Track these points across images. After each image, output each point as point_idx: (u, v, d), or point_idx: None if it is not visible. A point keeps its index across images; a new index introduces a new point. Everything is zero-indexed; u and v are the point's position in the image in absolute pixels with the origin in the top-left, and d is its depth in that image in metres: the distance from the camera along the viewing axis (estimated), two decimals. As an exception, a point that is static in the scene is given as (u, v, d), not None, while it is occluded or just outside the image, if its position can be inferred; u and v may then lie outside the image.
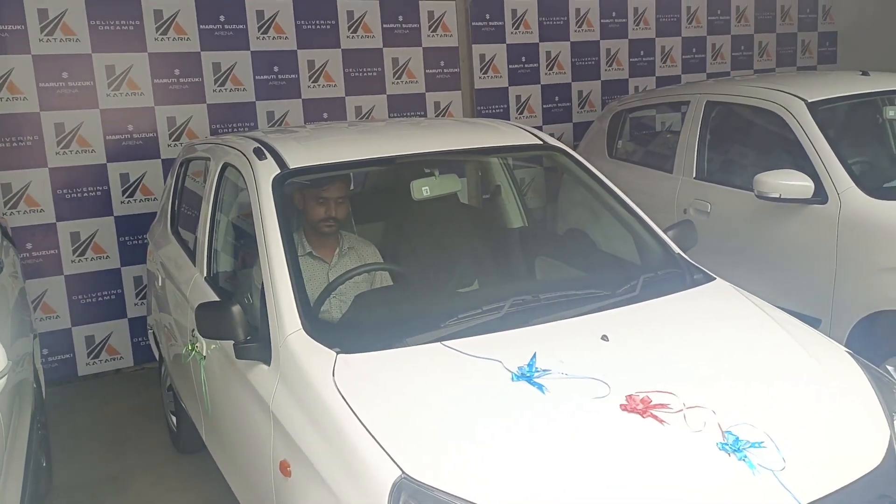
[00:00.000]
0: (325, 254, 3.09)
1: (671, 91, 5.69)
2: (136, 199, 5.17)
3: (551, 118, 6.65)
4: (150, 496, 3.73)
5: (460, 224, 3.61)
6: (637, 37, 7.00)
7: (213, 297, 2.94)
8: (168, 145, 5.20)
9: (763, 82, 4.48)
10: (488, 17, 6.26)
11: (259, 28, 5.43)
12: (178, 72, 5.20)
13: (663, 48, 7.16)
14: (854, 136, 4.33)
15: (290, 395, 2.22)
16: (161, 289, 3.84)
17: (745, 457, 1.88)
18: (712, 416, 1.98)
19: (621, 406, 2.01)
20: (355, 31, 5.75)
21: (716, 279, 2.80)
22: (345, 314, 2.72)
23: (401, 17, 5.91)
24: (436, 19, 6.04)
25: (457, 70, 5.77)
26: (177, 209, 4.08)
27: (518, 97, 6.49)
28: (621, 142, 5.53)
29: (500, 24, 6.33)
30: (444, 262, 3.27)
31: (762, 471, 1.85)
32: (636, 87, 6.99)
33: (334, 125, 4.64)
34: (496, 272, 3.35)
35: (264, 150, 2.92)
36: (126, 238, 5.16)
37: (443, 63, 6.10)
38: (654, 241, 2.98)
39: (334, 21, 5.67)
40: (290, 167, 2.82)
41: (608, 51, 6.86)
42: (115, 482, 3.85)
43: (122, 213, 5.14)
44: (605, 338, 2.30)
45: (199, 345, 2.87)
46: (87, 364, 5.17)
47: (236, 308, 2.38)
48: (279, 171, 2.80)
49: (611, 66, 6.90)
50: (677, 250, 2.93)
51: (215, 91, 5.33)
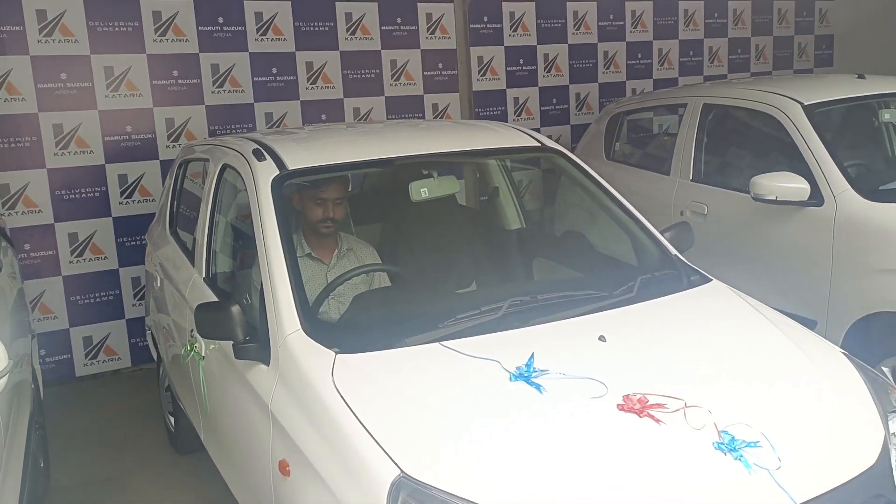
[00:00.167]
0: (323, 255, 3.09)
1: (668, 94, 5.71)
2: (134, 200, 5.18)
3: (549, 120, 6.66)
4: (148, 496, 3.73)
5: (458, 225, 3.62)
6: (634, 39, 7.02)
7: (212, 298, 2.95)
8: (166, 146, 5.21)
9: (760, 85, 4.50)
10: (486, 19, 6.27)
11: (258, 30, 5.44)
12: (176, 73, 5.21)
13: (660, 51, 7.19)
14: (850, 139, 4.35)
15: (289, 394, 2.23)
16: (160, 289, 3.84)
17: (741, 456, 1.89)
18: (709, 416, 1.99)
19: (618, 406, 2.02)
20: (354, 32, 5.77)
21: (712, 280, 2.82)
22: (343, 314, 2.73)
23: (399, 19, 5.93)
24: (434, 21, 6.06)
25: (455, 72, 5.78)
26: (175, 210, 4.09)
27: (516, 99, 6.51)
28: (619, 144, 5.55)
29: (499, 26, 6.35)
30: (442, 264, 3.28)
31: (758, 470, 1.87)
32: (633, 90, 7.01)
33: (333, 127, 4.65)
34: (494, 273, 3.36)
35: (263, 151, 2.93)
36: (124, 239, 5.17)
37: (441, 65, 6.11)
38: (651, 242, 2.99)
39: (333, 23, 5.69)
40: (290, 168, 2.83)
41: (606, 53, 6.88)
42: (112, 483, 3.85)
43: (120, 214, 5.14)
44: (602, 338, 2.31)
45: (197, 345, 2.88)
46: (84, 365, 5.17)
47: (235, 308, 2.39)
48: (278, 172, 2.81)
49: (608, 68, 6.92)
50: (674, 252, 2.95)
51: (214, 92, 5.34)
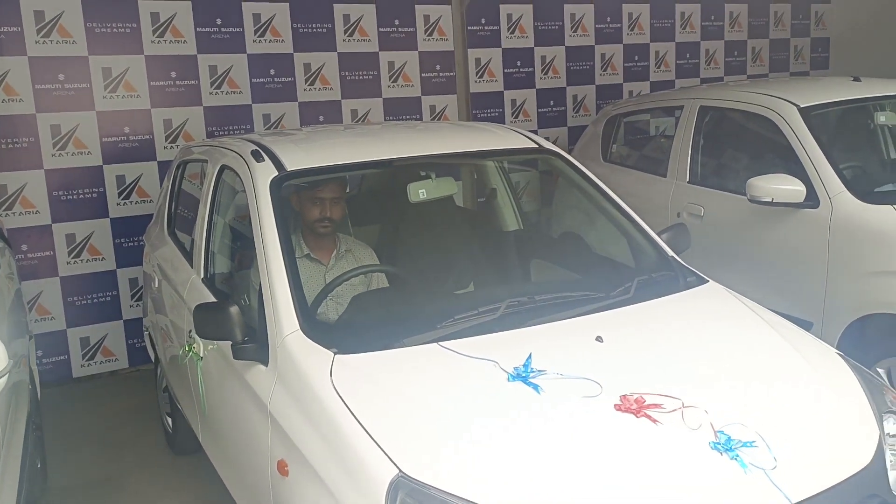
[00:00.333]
0: (322, 256, 3.10)
1: (665, 96, 5.73)
2: (132, 201, 5.18)
3: (546, 122, 6.68)
4: (146, 497, 3.73)
5: (456, 227, 3.63)
6: (631, 42, 7.04)
7: (211, 299, 2.96)
8: (164, 147, 5.22)
9: (756, 87, 4.51)
10: (484, 21, 6.29)
11: (255, 31, 5.45)
12: (174, 74, 5.22)
13: (657, 53, 7.21)
14: (845, 141, 4.37)
15: (287, 394, 2.24)
16: (157, 290, 3.84)
17: (737, 456, 1.90)
18: (705, 416, 2.00)
19: (615, 406, 2.03)
20: (351, 34, 5.78)
21: (709, 282, 2.83)
22: (342, 315, 2.74)
23: (397, 21, 5.94)
24: (431, 23, 6.07)
25: (452, 74, 5.79)
26: (173, 211, 4.09)
27: (513, 101, 6.52)
28: (616, 146, 5.56)
29: (496, 28, 6.37)
30: (440, 265, 3.29)
31: (754, 470, 1.88)
32: (630, 92, 7.03)
33: (331, 128, 4.66)
34: (492, 274, 3.37)
35: (262, 152, 2.94)
36: (122, 240, 5.17)
37: (438, 67, 6.12)
38: (648, 244, 3.01)
39: (330, 25, 5.70)
40: (288, 169, 2.84)
41: (603, 55, 6.90)
42: (110, 483, 3.85)
43: (117, 215, 5.15)
44: (599, 339, 2.33)
45: (196, 346, 2.89)
46: (81, 366, 5.17)
47: (234, 309, 2.39)
48: (277, 173, 2.82)
49: (605, 70, 6.94)
50: (671, 253, 2.96)
51: (211, 94, 5.35)
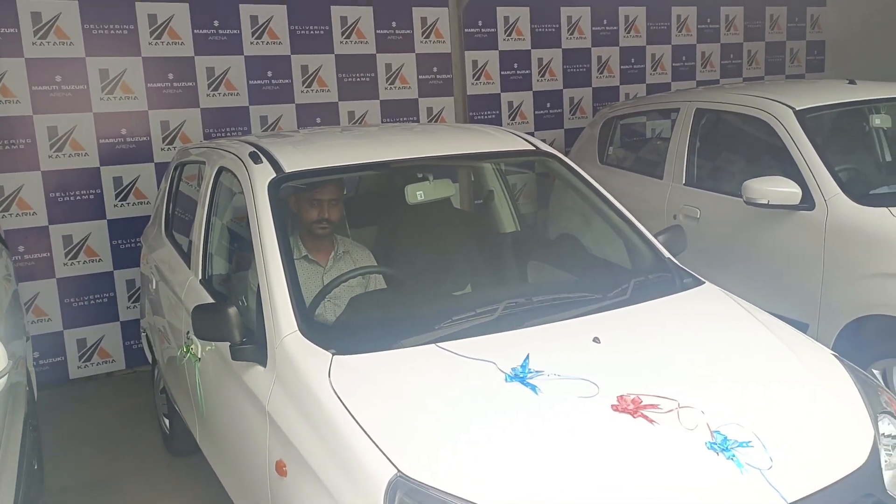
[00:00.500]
0: (320, 257, 3.11)
1: (661, 98, 5.75)
2: (129, 203, 5.18)
3: (543, 124, 6.70)
4: (143, 498, 3.73)
5: (454, 228, 3.64)
6: (628, 44, 7.07)
7: (209, 300, 2.96)
8: (161, 149, 5.22)
9: (752, 90, 4.53)
10: (481, 23, 6.30)
11: (253, 33, 5.46)
12: (171, 76, 5.22)
13: (653, 56, 7.23)
14: (841, 144, 4.39)
15: (286, 395, 2.24)
16: (155, 292, 3.85)
17: (734, 456, 1.91)
18: (701, 417, 2.02)
19: (612, 406, 2.04)
20: (349, 36, 5.79)
21: (705, 283, 2.84)
22: (340, 316, 2.75)
23: (394, 24, 5.96)
24: (429, 26, 6.08)
25: (449, 76, 5.79)
26: (171, 213, 4.10)
27: (510, 103, 6.54)
28: (612, 148, 5.58)
29: (493, 30, 6.38)
30: (437, 266, 3.29)
31: (750, 470, 1.89)
32: (627, 94, 7.05)
33: (328, 130, 4.66)
34: (489, 276, 3.37)
35: (260, 154, 2.95)
36: (119, 241, 5.17)
37: (435, 69, 6.14)
38: (645, 245, 3.02)
39: (328, 27, 5.71)
40: (286, 171, 2.84)
41: (599, 58, 6.93)
42: (107, 485, 3.85)
43: (115, 217, 5.15)
44: (596, 340, 2.34)
45: (194, 347, 2.89)
46: (78, 367, 5.17)
47: (233, 310, 2.40)
48: (275, 174, 2.82)
49: (602, 73, 6.96)
50: (667, 255, 2.98)
51: (209, 95, 5.35)
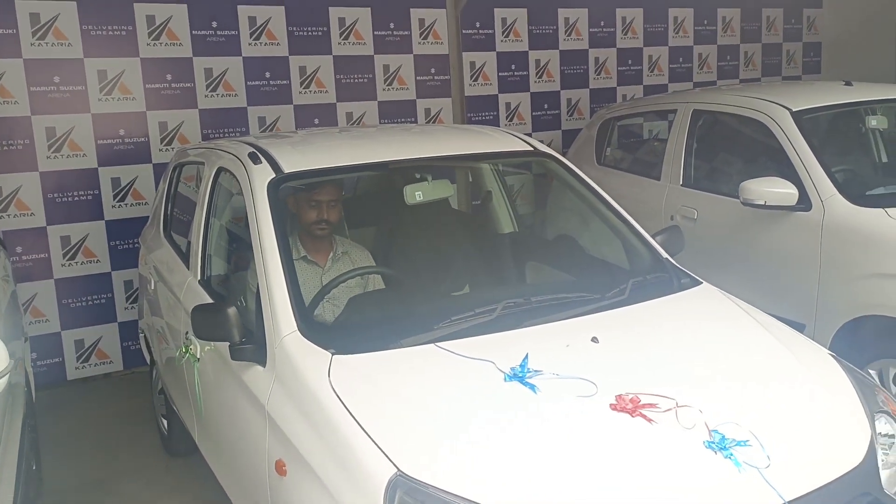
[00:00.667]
0: (319, 258, 3.11)
1: (658, 99, 5.77)
2: (127, 204, 5.18)
3: (540, 125, 6.71)
4: (141, 499, 3.73)
5: (452, 229, 3.65)
6: (625, 46, 7.08)
7: (208, 300, 2.97)
8: (160, 150, 5.22)
9: (749, 91, 4.54)
10: (479, 25, 6.32)
11: (251, 34, 5.46)
12: (170, 77, 5.23)
13: (650, 57, 7.25)
14: (837, 145, 4.41)
15: (285, 395, 2.25)
16: (153, 292, 3.85)
17: (731, 455, 1.92)
18: (699, 416, 2.03)
19: (611, 406, 2.05)
20: (347, 37, 5.80)
21: (702, 283, 2.85)
22: (339, 316, 2.75)
23: (392, 25, 5.97)
24: (426, 27, 6.10)
25: (447, 77, 5.81)
26: (169, 213, 4.10)
27: (508, 104, 6.55)
28: (609, 149, 5.59)
29: (491, 32, 6.40)
30: (435, 267, 3.30)
31: (747, 468, 1.90)
32: (624, 96, 7.07)
33: (327, 131, 4.67)
34: (487, 276, 3.38)
35: (259, 154, 2.95)
36: (117, 242, 5.17)
37: (433, 70, 6.15)
38: (643, 246, 3.03)
39: (326, 28, 5.72)
40: (285, 171, 2.85)
41: (597, 59, 6.94)
42: (105, 485, 3.85)
43: (113, 218, 5.15)
44: (595, 339, 2.35)
45: (193, 347, 2.90)
46: (76, 368, 5.17)
47: (232, 310, 2.40)
48: (274, 175, 2.83)
49: (599, 74, 6.98)
50: (665, 255, 2.99)
51: (207, 96, 5.36)
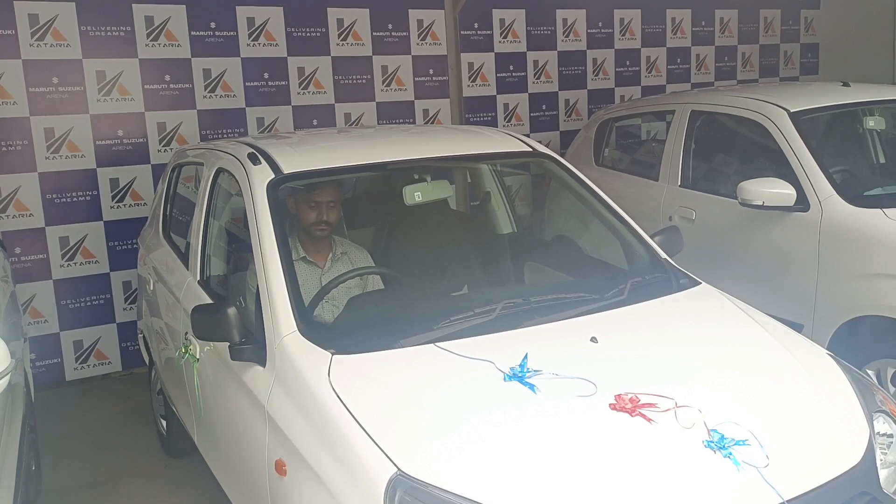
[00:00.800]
0: (318, 259, 3.11)
1: (656, 100, 5.78)
2: (125, 204, 5.18)
3: (538, 126, 6.72)
4: (140, 499, 3.73)
5: (451, 229, 3.65)
6: (623, 47, 7.10)
7: (207, 301, 2.97)
8: (158, 150, 5.22)
9: (747, 92, 4.55)
10: (477, 26, 6.33)
11: (249, 35, 5.47)
12: (168, 78, 5.23)
13: (648, 58, 7.26)
14: (835, 146, 4.42)
15: (285, 395, 2.25)
16: (153, 293, 3.85)
17: (730, 454, 1.93)
18: (699, 415, 2.03)
19: (610, 405, 2.05)
20: (345, 38, 5.80)
21: (701, 283, 2.86)
22: (339, 316, 2.76)
23: (390, 26, 5.97)
24: (425, 28, 6.10)
25: (445, 78, 5.82)
26: (168, 214, 4.10)
27: (506, 105, 6.56)
28: (608, 150, 5.60)
29: (489, 33, 6.40)
30: (434, 267, 3.31)
31: (746, 467, 1.91)
32: (622, 97, 7.08)
33: (326, 131, 4.68)
34: (486, 277, 3.39)
35: (258, 155, 2.95)
36: (115, 243, 5.17)
37: (431, 71, 6.16)
38: (642, 246, 3.04)
39: (324, 29, 5.72)
40: (285, 172, 2.85)
41: (594, 60, 6.95)
42: (104, 486, 3.85)
43: (111, 218, 5.15)
44: (594, 339, 2.35)
45: (192, 347, 2.90)
46: (74, 369, 5.17)
47: (232, 310, 2.40)
48: (273, 175, 2.83)
49: (597, 75, 6.99)
50: (664, 255, 2.99)
51: (205, 97, 5.36)
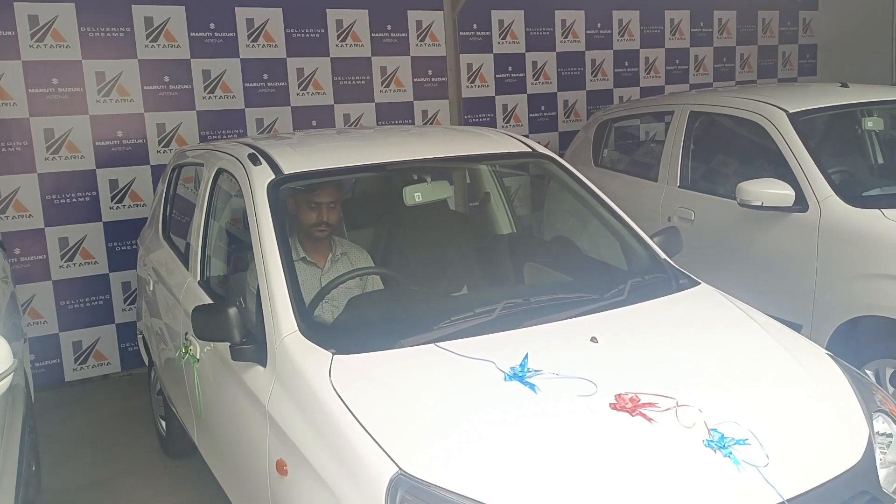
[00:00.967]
0: (318, 259, 3.12)
1: (655, 101, 5.79)
2: (125, 205, 5.18)
3: (537, 127, 6.73)
4: (140, 500, 3.73)
5: (450, 230, 3.66)
6: (622, 48, 7.11)
7: (208, 301, 2.97)
8: (157, 151, 5.23)
9: (745, 93, 4.56)
10: (475, 27, 6.34)
11: (249, 36, 5.47)
12: (167, 79, 5.23)
13: (647, 59, 7.27)
14: (834, 146, 4.43)
15: (286, 395, 2.26)
16: (152, 293, 3.85)
17: (731, 453, 1.94)
18: (699, 415, 2.04)
19: (610, 405, 2.06)
20: (344, 39, 5.81)
21: (700, 284, 2.87)
22: (339, 316, 2.76)
23: (389, 27, 5.98)
24: (424, 29, 6.11)
25: (444, 79, 5.83)
26: (168, 214, 4.10)
27: (504, 106, 6.57)
28: (607, 151, 5.60)
29: (488, 34, 6.41)
30: (434, 267, 3.32)
31: (747, 467, 1.91)
32: (621, 97, 7.09)
33: (325, 132, 4.68)
34: (485, 277, 3.39)
35: (259, 155, 2.96)
36: (114, 244, 5.17)
37: (430, 72, 6.16)
38: (641, 246, 3.04)
39: (323, 30, 5.73)
40: (285, 173, 2.86)
41: (593, 61, 6.96)
42: (104, 486, 3.85)
43: (110, 219, 5.15)
44: (594, 339, 2.36)
45: (192, 347, 2.90)
46: (74, 370, 5.17)
47: (232, 311, 2.41)
48: (274, 176, 2.84)
49: (596, 76, 7.00)
50: (663, 256, 3.00)
51: (205, 98, 5.36)
